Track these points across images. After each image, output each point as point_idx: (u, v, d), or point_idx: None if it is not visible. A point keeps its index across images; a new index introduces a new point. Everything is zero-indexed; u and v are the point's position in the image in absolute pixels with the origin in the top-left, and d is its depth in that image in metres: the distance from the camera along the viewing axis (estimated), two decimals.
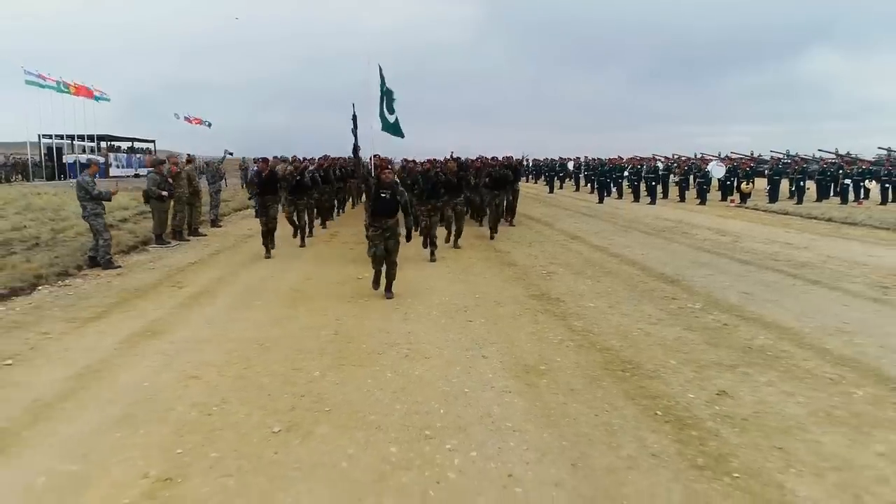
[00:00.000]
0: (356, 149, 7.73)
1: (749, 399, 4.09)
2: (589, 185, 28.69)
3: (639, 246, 11.03)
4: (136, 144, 50.87)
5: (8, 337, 5.33)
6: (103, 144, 45.42)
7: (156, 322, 5.86)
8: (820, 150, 64.28)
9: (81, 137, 42.01)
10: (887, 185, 22.09)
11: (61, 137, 39.95)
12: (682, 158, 35.59)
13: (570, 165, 36.95)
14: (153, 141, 55.10)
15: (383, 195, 6.80)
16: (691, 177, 23.79)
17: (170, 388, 4.22)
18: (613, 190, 24.84)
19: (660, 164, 25.63)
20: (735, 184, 22.42)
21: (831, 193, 23.19)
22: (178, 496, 2.90)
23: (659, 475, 3.13)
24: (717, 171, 22.86)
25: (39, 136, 39.61)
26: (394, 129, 9.77)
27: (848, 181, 22.45)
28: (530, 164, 46.18)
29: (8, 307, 6.44)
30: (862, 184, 23.05)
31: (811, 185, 23.50)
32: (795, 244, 11.46)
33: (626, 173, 26.65)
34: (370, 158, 14.21)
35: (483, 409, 3.89)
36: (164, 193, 10.68)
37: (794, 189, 22.39)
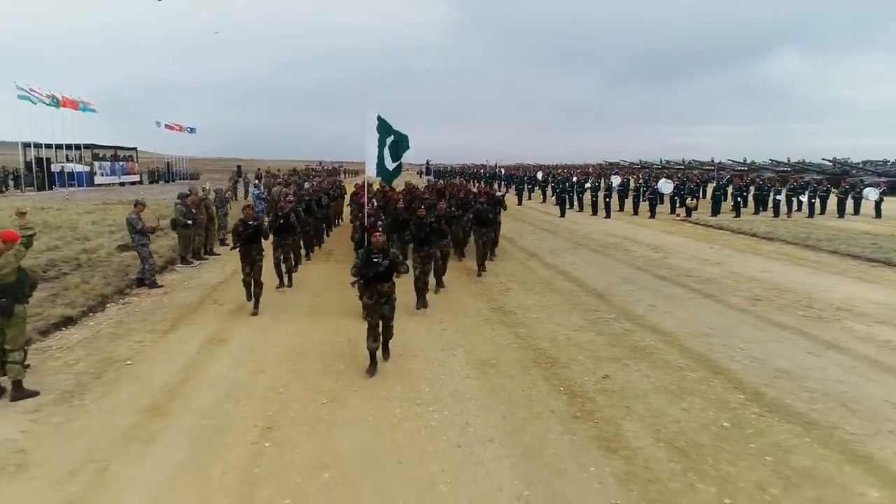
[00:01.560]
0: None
1: (621, 380, 6.45)
2: (554, 196, 31.19)
3: (583, 263, 13.44)
4: (119, 152, 52.06)
5: (116, 344, 7.45)
6: (87, 153, 46.47)
7: (216, 332, 8.02)
8: (771, 160, 67.73)
9: (63, 146, 42.87)
10: (813, 200, 25.00)
11: (49, 146, 40.83)
12: (637, 170, 38.23)
13: (539, 175, 39.52)
14: (135, 148, 56.42)
15: (376, 260, 6.50)
16: (643, 192, 26.33)
17: (246, 378, 6.42)
18: (576, 203, 27.34)
19: (615, 181, 28.17)
20: (681, 200, 25.07)
21: (769, 206, 25.98)
22: (278, 436, 5.12)
23: (552, 421, 5.44)
24: (665, 187, 25.54)
25: (21, 144, 40.36)
26: (392, 174, 9.51)
27: (780, 196, 25.31)
28: (503, 173, 48.68)
29: (96, 322, 8.52)
30: (793, 198, 25.96)
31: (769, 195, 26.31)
32: (712, 260, 13.99)
33: (587, 185, 29.24)
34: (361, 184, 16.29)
35: (452, 388, 6.16)
36: (190, 222, 12.74)
37: (734, 204, 25.20)
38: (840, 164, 56.94)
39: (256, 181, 35.93)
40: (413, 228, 9.47)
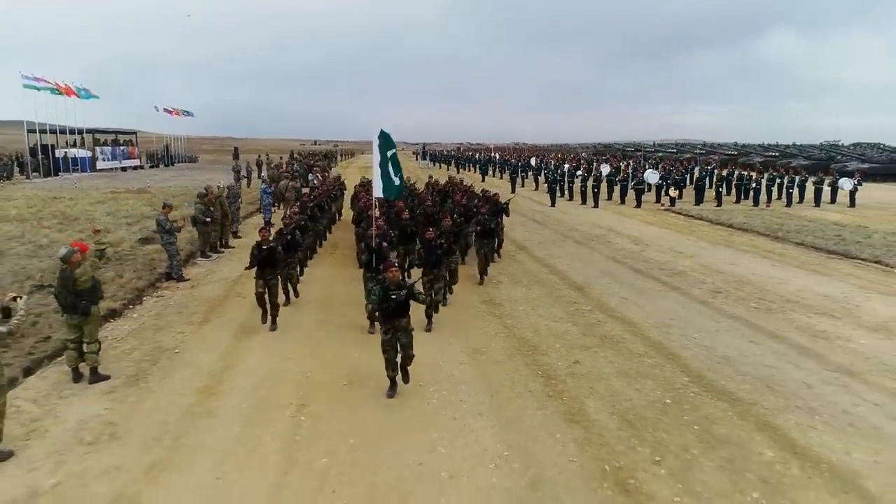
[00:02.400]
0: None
1: (589, 365, 7.77)
2: (547, 185, 32.37)
3: (567, 256, 14.73)
4: (119, 137, 52.80)
5: (161, 335, 8.72)
6: (88, 138, 47.16)
7: (244, 325, 9.28)
8: (761, 144, 68.83)
9: (67, 131, 43.59)
10: (791, 190, 26.29)
11: (52, 132, 41.52)
12: (631, 153, 39.45)
13: (533, 161, 40.62)
14: (134, 133, 57.13)
15: (394, 296, 6.53)
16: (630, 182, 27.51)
17: (278, 364, 7.70)
18: (566, 192, 28.55)
19: (605, 170, 29.36)
20: (665, 189, 26.29)
21: (750, 196, 27.20)
22: (311, 412, 6.41)
23: (530, 399, 6.76)
24: (651, 177, 26.77)
25: (26, 129, 41.07)
26: (398, 188, 9.63)
27: (757, 185, 26.60)
28: (498, 158, 49.70)
29: (139, 315, 9.78)
30: (772, 188, 27.25)
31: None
32: (686, 253, 15.31)
33: (578, 173, 30.44)
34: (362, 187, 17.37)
35: (449, 372, 7.46)
36: (209, 220, 13.94)
37: (716, 194, 26.47)
38: (827, 149, 58.15)
39: (255, 167, 36.96)
40: (423, 251, 9.32)
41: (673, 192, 25.31)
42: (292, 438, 5.86)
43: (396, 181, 9.52)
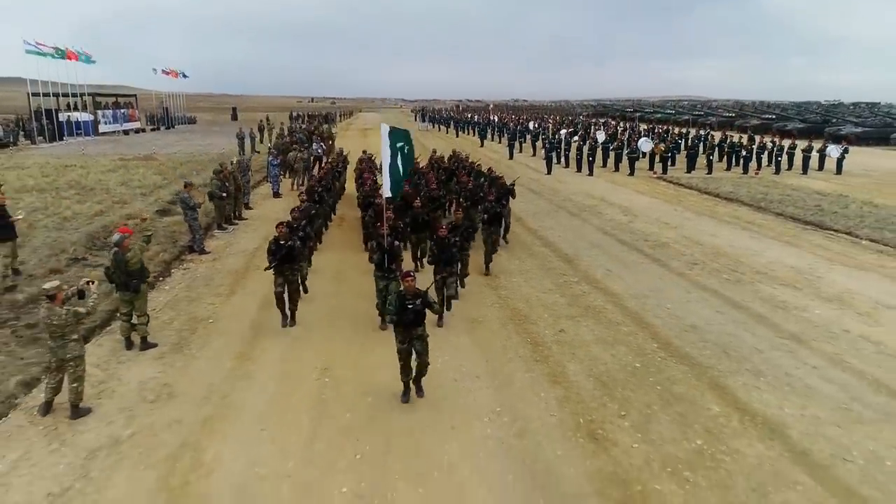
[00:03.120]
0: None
1: (572, 332, 8.90)
2: (544, 150, 33.10)
3: (560, 228, 15.76)
4: (120, 100, 53.01)
5: (194, 306, 9.82)
6: (89, 100, 47.40)
7: (266, 296, 10.32)
8: (757, 108, 69.32)
9: (69, 94, 43.86)
10: (779, 158, 27.12)
11: (55, 95, 41.79)
12: (630, 114, 40.07)
13: (532, 126, 41.19)
14: (134, 95, 57.27)
15: (410, 306, 6.57)
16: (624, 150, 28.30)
17: (301, 333, 8.80)
18: (563, 159, 29.35)
19: (600, 137, 30.09)
20: (661, 157, 27.08)
21: (740, 164, 28.00)
22: (333, 375, 7.56)
23: (519, 364, 7.90)
24: (645, 146, 27.56)
25: (29, 94, 41.36)
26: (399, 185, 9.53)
27: (748, 153, 27.42)
28: (496, 121, 50.14)
29: (171, 287, 10.86)
30: (762, 155, 28.08)
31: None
32: (671, 224, 16.33)
33: (574, 139, 31.18)
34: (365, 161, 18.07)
35: (450, 341, 8.59)
36: (224, 195, 14.89)
37: (707, 161, 27.30)
38: (822, 113, 58.46)
39: (258, 132, 37.54)
40: (436, 249, 9.17)
41: (657, 147, 26.30)
42: (319, 397, 7.01)
43: (402, 173, 9.31)
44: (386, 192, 9.09)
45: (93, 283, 6.86)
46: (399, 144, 9.23)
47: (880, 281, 11.48)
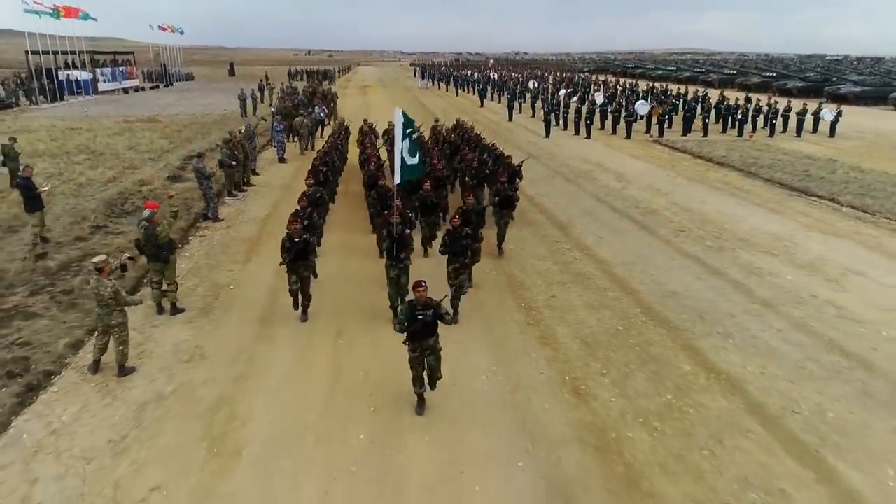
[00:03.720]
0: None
1: (562, 298, 9.75)
2: (543, 112, 33.40)
3: (556, 194, 16.45)
4: (118, 57, 52.67)
5: (215, 273, 10.62)
6: (86, 58, 47.16)
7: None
8: (758, 68, 68.99)
9: (68, 52, 43.68)
10: (774, 121, 27.55)
11: (55, 52, 41.63)
12: (631, 70, 40.20)
13: (531, 85, 41.27)
14: (131, 53, 56.85)
15: (420, 317, 6.42)
16: (622, 112, 28.64)
17: (316, 298, 9.61)
18: (561, 121, 29.73)
19: (598, 99, 30.38)
20: (656, 119, 27.48)
21: (735, 126, 28.41)
22: (347, 338, 8.41)
23: (513, 326, 8.76)
24: (641, 109, 27.95)
25: (27, 52, 41.19)
26: (415, 170, 9.30)
27: (744, 116, 27.83)
28: (496, 79, 50.03)
29: (190, 254, 11.64)
30: (757, 118, 28.50)
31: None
32: (662, 190, 17.02)
33: (574, 100, 31.49)
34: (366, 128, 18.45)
35: (453, 306, 9.43)
36: (234, 163, 15.53)
37: (703, 124, 27.73)
38: (823, 71, 58.20)
39: (258, 91, 37.70)
40: (447, 240, 8.96)
41: (655, 110, 26.83)
42: (336, 358, 7.90)
43: (411, 161, 9.04)
44: (397, 178, 8.91)
45: (133, 258, 7.64)
46: (408, 130, 9.13)
47: (853, 248, 12.27)
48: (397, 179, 8.89)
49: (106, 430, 6.36)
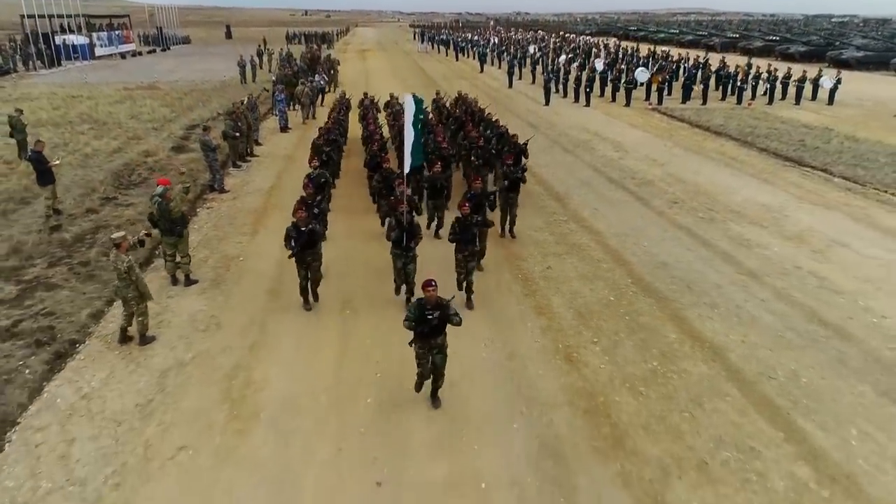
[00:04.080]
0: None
1: (558, 269, 10.20)
2: (543, 79, 33.29)
3: (554, 164, 16.76)
4: (113, 21, 52.05)
5: (224, 245, 11.05)
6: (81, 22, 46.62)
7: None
8: (761, 31, 67.80)
9: (64, 16, 43.20)
10: (773, 89, 27.59)
11: (51, 16, 41.22)
12: (634, 33, 39.96)
13: (532, 49, 40.97)
14: (127, 16, 56.13)
15: (430, 317, 6.34)
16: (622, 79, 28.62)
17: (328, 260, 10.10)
18: (561, 88, 29.72)
19: (598, 65, 30.31)
20: (656, 87, 27.52)
21: (735, 93, 28.43)
22: (353, 308, 8.89)
23: (511, 298, 9.24)
24: (642, 76, 27.95)
25: (23, 16, 40.77)
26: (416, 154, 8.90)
27: (742, 83, 27.87)
28: (496, 43, 49.56)
29: (199, 226, 12.04)
30: (755, 86, 28.54)
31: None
32: (658, 160, 17.32)
33: (574, 65, 31.41)
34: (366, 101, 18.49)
35: (451, 280, 9.87)
36: (237, 134, 15.79)
37: (702, 91, 27.77)
38: (826, 36, 57.52)
39: (257, 57, 37.46)
40: (457, 228, 8.67)
41: (655, 78, 26.88)
42: (343, 327, 8.39)
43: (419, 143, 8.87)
44: (406, 167, 8.72)
45: (149, 234, 8.05)
46: (420, 116, 8.87)
47: (841, 220, 12.68)
48: (407, 167, 8.72)
49: (133, 394, 6.89)
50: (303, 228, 8.36)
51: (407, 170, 8.82)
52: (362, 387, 7.10)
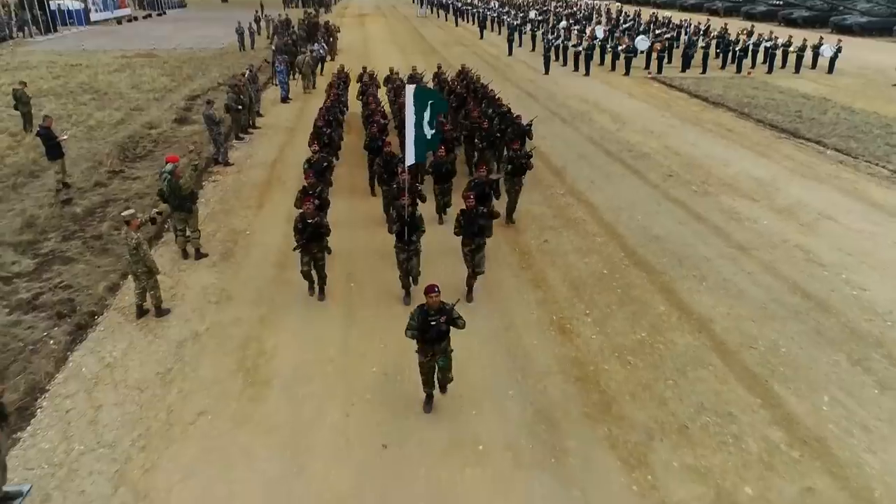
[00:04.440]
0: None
1: (554, 242, 10.58)
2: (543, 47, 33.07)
3: (552, 136, 16.96)
4: None
5: (231, 219, 11.40)
6: None
7: (291, 210, 11.87)
8: None
9: None
10: (773, 57, 27.53)
11: None
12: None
13: (532, 15, 40.59)
14: None
15: (434, 323, 6.21)
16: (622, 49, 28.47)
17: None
18: (561, 56, 29.60)
19: (599, 35, 30.13)
20: (656, 55, 27.43)
21: (734, 62, 28.33)
22: (357, 280, 9.30)
23: (508, 270, 9.64)
24: (642, 44, 27.84)
25: None
26: (430, 142, 8.69)
27: (741, 51, 27.81)
28: (496, 6, 48.93)
29: (205, 200, 12.34)
30: (757, 52, 28.45)
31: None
32: (655, 132, 17.52)
33: (574, 30, 31.26)
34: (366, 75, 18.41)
35: (452, 252, 10.25)
36: (240, 107, 15.97)
37: (703, 58, 27.70)
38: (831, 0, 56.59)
39: (255, 23, 37.11)
40: (462, 221, 8.44)
41: (655, 46, 26.89)
42: (349, 300, 8.81)
43: (429, 134, 8.46)
44: (409, 159, 8.39)
45: (161, 213, 8.40)
46: (430, 102, 8.41)
47: (830, 193, 13.00)
48: (410, 160, 8.38)
49: (153, 363, 7.34)
50: (309, 220, 8.27)
51: (411, 160, 8.42)
52: (368, 356, 7.55)
